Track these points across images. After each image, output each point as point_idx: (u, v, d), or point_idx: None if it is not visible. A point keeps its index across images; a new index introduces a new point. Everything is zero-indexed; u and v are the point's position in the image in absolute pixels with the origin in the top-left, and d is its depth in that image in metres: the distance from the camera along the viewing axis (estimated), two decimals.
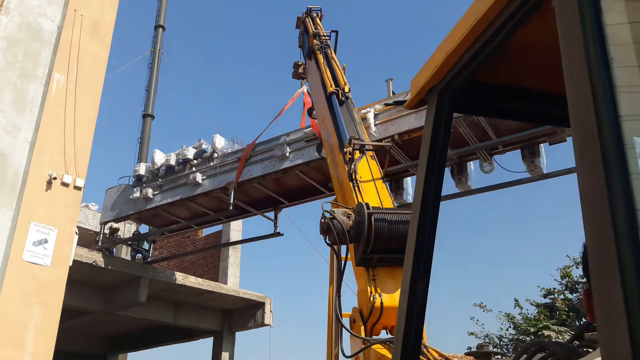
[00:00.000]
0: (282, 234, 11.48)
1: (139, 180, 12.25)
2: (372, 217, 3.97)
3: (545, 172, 8.49)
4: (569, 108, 0.82)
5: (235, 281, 17.26)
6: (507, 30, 1.23)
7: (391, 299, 3.94)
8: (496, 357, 2.65)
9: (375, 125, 8.88)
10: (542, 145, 8.47)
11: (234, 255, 17.74)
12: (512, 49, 1.35)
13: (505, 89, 1.47)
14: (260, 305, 15.40)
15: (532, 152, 8.44)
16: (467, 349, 16.82)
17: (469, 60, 1.32)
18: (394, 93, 9.60)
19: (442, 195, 1.45)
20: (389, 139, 8.61)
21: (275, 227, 11.47)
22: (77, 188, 7.27)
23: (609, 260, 0.69)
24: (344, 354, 3.96)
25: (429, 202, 1.37)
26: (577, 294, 16.44)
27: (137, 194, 11.96)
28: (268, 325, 15.27)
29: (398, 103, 8.77)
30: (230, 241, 17.01)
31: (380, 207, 4.40)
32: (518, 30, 1.24)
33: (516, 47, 1.36)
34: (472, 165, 9.25)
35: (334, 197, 5.90)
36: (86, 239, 13.90)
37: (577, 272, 16.73)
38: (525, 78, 1.46)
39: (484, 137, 8.56)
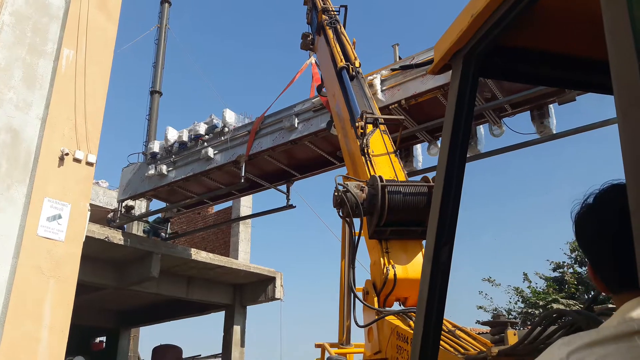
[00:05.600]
0: (295, 206, 11.57)
1: (153, 157, 12.37)
2: (386, 190, 3.97)
3: (554, 132, 8.44)
4: (610, 65, 0.79)
5: (245, 257, 17.43)
6: None
7: (404, 270, 3.96)
8: (512, 326, 2.66)
9: (382, 91, 8.82)
10: (551, 106, 8.40)
11: (245, 231, 17.87)
12: (540, 11, 1.32)
13: (532, 53, 1.44)
14: (271, 280, 15.57)
15: (541, 113, 8.39)
16: (476, 322, 16.97)
17: (495, 23, 1.29)
18: (400, 58, 9.48)
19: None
20: (396, 104, 8.61)
21: (288, 199, 11.53)
22: (89, 164, 7.30)
23: None
24: (357, 325, 3.99)
25: (453, 168, 1.36)
26: (587, 268, 16.47)
27: (152, 171, 12.09)
28: (279, 299, 15.47)
29: (405, 68, 8.69)
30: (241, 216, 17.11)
31: (394, 179, 4.39)
32: None
33: (544, 10, 1.32)
34: (482, 129, 9.21)
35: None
36: (97, 215, 14.04)
37: None
38: (554, 42, 1.42)
39: (492, 99, 8.50)
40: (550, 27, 1.40)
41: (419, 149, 10.01)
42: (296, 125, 10.00)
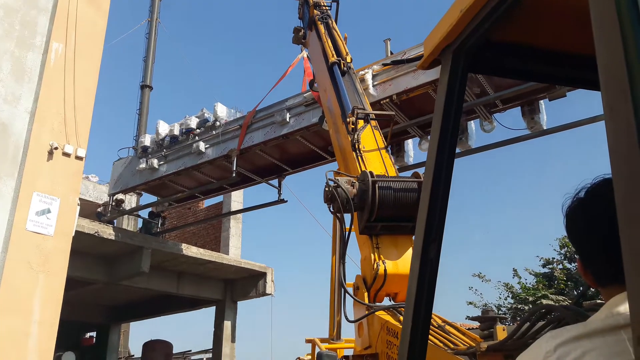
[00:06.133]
0: (286, 201, 11.58)
1: (144, 151, 12.31)
2: (376, 185, 3.97)
3: (545, 128, 8.51)
4: (598, 59, 0.79)
5: (236, 252, 17.40)
6: None
7: (395, 266, 3.98)
8: (501, 322, 2.67)
9: (373, 86, 8.83)
10: (542, 101, 8.47)
11: (235, 227, 17.84)
12: (529, 6, 1.32)
13: (522, 49, 1.44)
14: (261, 275, 15.57)
15: (531, 109, 8.47)
16: (466, 318, 17.08)
17: (484, 18, 1.29)
18: (392, 53, 9.49)
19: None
20: (388, 99, 8.63)
21: (279, 194, 11.54)
22: (79, 158, 7.24)
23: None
24: (347, 320, 4.00)
25: (442, 163, 1.36)
26: (576, 264, 16.58)
27: (143, 165, 12.03)
28: (270, 294, 15.47)
29: (396, 62, 8.71)
30: (232, 211, 17.07)
31: (385, 175, 4.40)
32: None
33: (534, 5, 1.32)
34: (472, 125, 9.27)
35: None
36: (87, 210, 13.95)
37: None
38: (543, 37, 1.42)
39: (482, 94, 8.55)
40: (540, 23, 1.40)
41: (410, 144, 10.05)
42: (288, 120, 9.99)
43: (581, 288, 15.44)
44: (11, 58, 6.95)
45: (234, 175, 10.75)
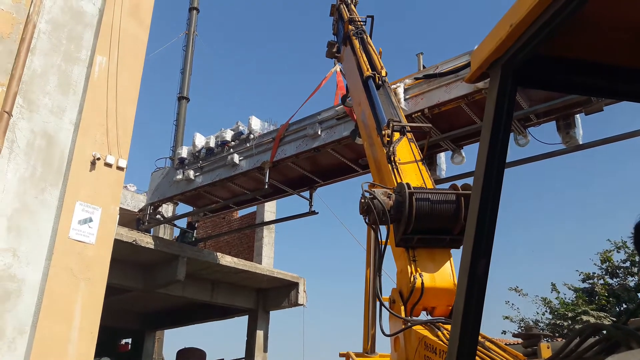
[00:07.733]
0: (317, 212, 11.64)
1: (181, 162, 12.63)
2: (413, 197, 3.93)
3: (580, 142, 8.28)
4: None
5: (269, 261, 17.49)
6: (576, 3, 1.18)
7: (432, 279, 3.91)
8: (545, 339, 2.60)
9: (405, 99, 8.82)
10: (577, 116, 8.25)
11: (268, 236, 17.95)
12: (580, 21, 1.30)
13: (571, 63, 1.42)
14: (294, 285, 15.59)
15: (567, 124, 8.26)
16: (502, 333, 16.66)
17: (534, 33, 1.28)
18: (424, 67, 9.46)
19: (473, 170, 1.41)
20: (419, 113, 8.58)
21: (311, 205, 11.62)
22: (120, 168, 7.43)
23: None
24: (384, 334, 3.95)
25: (491, 179, 1.34)
26: (618, 279, 16.03)
27: (179, 176, 12.36)
28: (302, 305, 15.46)
29: (428, 76, 8.67)
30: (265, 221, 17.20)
31: (422, 187, 4.36)
32: (587, 3, 1.19)
33: (585, 20, 1.31)
34: None
35: (369, 173, 5.87)
36: (125, 218, 14.28)
37: (617, 257, 16.28)
38: (594, 52, 1.40)
39: (516, 109, 8.40)
40: (590, 37, 1.38)
41: (442, 157, 9.97)
42: (319, 133, 10.07)
43: (624, 305, 14.88)
44: (58, 71, 7.22)
45: (266, 186, 10.89)
